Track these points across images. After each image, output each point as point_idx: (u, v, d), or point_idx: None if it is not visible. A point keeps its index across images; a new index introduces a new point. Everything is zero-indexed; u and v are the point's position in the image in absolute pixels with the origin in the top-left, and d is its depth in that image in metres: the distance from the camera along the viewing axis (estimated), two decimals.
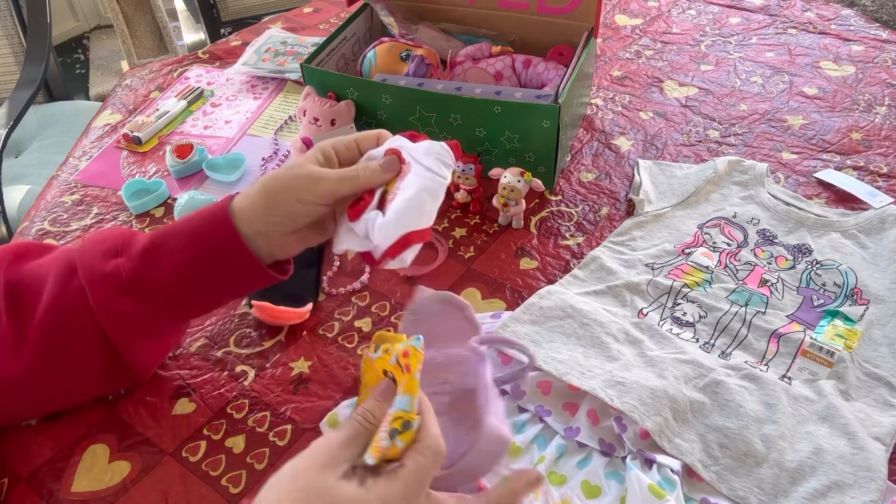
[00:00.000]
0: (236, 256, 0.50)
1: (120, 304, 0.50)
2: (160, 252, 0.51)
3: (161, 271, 0.50)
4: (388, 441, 0.38)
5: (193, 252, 0.50)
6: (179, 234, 0.51)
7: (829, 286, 0.65)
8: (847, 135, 0.85)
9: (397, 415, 0.38)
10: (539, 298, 0.62)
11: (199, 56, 1.09)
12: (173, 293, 0.51)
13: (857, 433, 0.52)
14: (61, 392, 0.54)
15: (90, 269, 0.50)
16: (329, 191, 0.49)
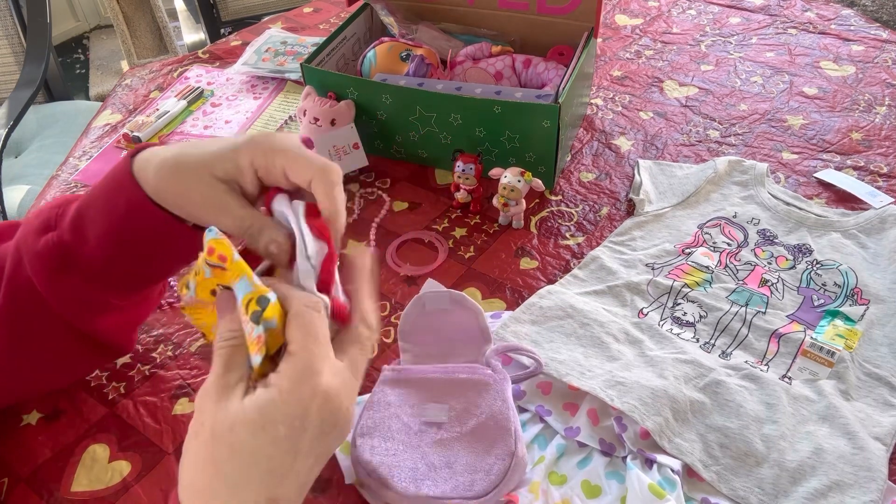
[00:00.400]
0: (149, 218, 0.44)
1: (61, 282, 0.46)
2: (85, 221, 0.46)
3: (89, 243, 0.46)
4: (257, 327, 0.35)
5: (107, 219, 0.45)
6: (97, 198, 0.46)
7: (830, 286, 0.64)
8: (847, 135, 0.85)
9: (246, 298, 0.35)
10: (539, 298, 0.62)
11: (199, 56, 1.09)
12: (107, 266, 0.46)
13: (857, 433, 0.52)
14: (41, 378, 0.53)
15: (27, 249, 0.47)
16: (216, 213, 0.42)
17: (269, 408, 0.33)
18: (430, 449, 0.49)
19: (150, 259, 0.48)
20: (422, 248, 0.72)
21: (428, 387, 0.52)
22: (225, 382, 0.34)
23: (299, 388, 0.34)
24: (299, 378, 0.34)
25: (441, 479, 0.47)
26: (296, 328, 0.35)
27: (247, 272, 0.36)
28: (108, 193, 0.45)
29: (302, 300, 0.36)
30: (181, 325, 0.65)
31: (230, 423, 0.33)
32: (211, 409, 0.34)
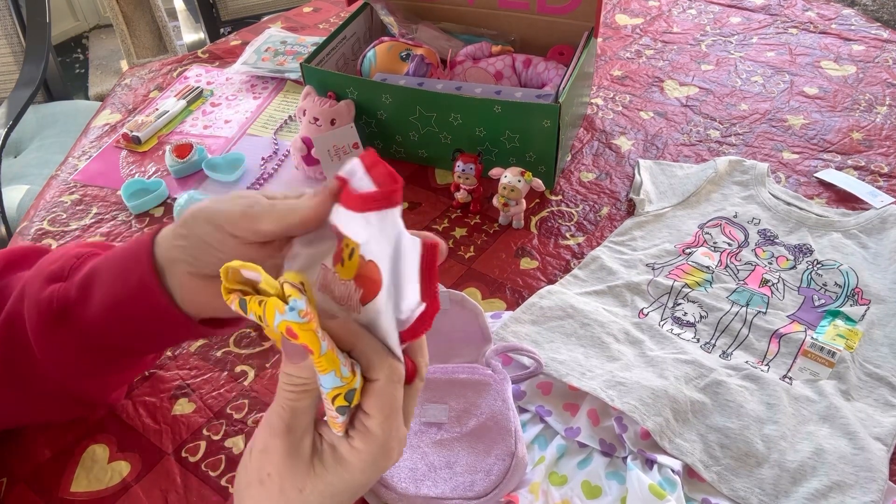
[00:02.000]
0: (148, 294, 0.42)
1: (53, 335, 0.44)
2: (94, 282, 0.43)
3: (92, 307, 0.43)
4: (345, 416, 0.33)
5: (115, 290, 0.43)
6: (113, 264, 0.44)
7: (830, 286, 0.64)
8: (848, 134, 0.85)
9: (334, 392, 0.32)
10: (539, 298, 0.62)
11: (199, 56, 1.09)
12: (103, 334, 0.44)
13: (857, 433, 0.52)
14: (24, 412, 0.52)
15: (31, 293, 0.45)
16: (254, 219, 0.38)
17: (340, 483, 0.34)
18: (430, 449, 0.49)
19: (148, 338, 0.46)
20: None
21: (428, 387, 0.52)
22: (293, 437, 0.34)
23: (372, 469, 0.35)
24: (374, 460, 0.34)
25: (441, 479, 0.47)
26: (377, 405, 0.34)
27: (336, 367, 0.32)
28: (125, 264, 0.43)
29: (386, 372, 0.33)
30: None
31: (300, 485, 0.34)
32: (279, 462, 0.34)
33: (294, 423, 0.34)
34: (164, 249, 0.42)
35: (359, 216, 0.33)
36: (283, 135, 0.90)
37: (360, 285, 0.34)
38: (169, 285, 0.42)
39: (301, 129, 0.81)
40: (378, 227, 0.32)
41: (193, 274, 0.41)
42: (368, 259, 0.33)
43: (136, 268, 0.42)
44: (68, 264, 0.45)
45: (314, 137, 0.78)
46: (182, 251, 0.41)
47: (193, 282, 0.41)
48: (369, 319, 0.34)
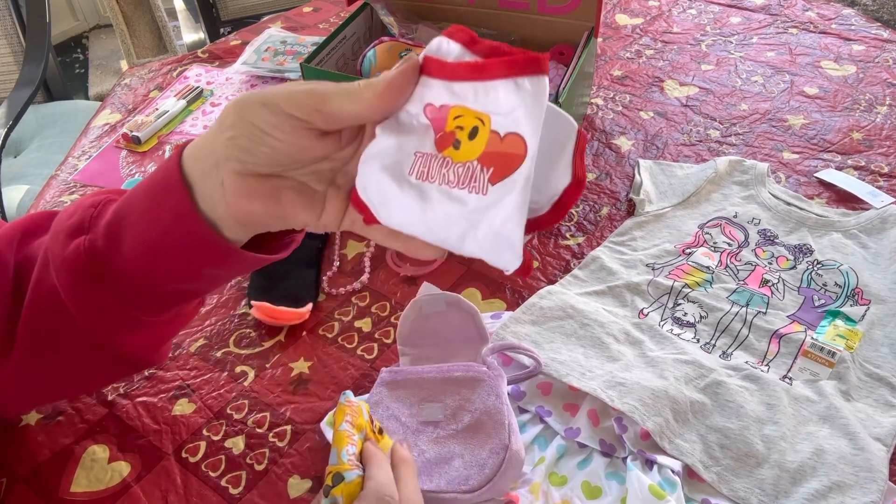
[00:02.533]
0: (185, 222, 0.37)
1: (88, 293, 0.41)
2: (123, 226, 0.39)
3: (123, 256, 0.39)
4: (325, 500, 0.38)
5: (147, 227, 0.39)
6: (139, 200, 0.39)
7: (830, 286, 0.64)
8: (848, 134, 0.85)
9: (327, 470, 0.38)
10: (539, 299, 0.62)
11: (199, 55, 1.08)
12: (140, 281, 0.40)
13: (858, 434, 0.52)
14: (59, 388, 0.51)
15: (55, 253, 0.41)
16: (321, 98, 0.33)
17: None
18: (427, 447, 0.49)
19: (189, 277, 0.41)
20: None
21: (424, 386, 0.52)
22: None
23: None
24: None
25: (436, 474, 0.47)
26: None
27: (338, 446, 0.39)
28: (153, 196, 0.39)
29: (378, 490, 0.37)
30: None
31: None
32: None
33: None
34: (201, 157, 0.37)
35: (488, 85, 0.30)
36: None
37: (490, 163, 0.30)
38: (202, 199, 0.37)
39: None
40: (522, 96, 0.29)
41: (241, 171, 0.36)
42: (507, 133, 0.30)
43: (168, 197, 0.37)
44: (87, 214, 0.42)
45: None
46: (232, 146, 0.35)
47: (239, 181, 0.36)
48: (499, 199, 0.30)
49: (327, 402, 0.57)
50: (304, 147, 0.35)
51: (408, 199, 0.33)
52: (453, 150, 0.31)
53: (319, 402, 0.57)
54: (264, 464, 0.53)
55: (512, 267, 0.31)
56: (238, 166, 0.36)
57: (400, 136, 0.33)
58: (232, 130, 0.35)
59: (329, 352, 0.62)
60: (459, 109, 0.31)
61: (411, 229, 0.34)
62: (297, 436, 0.55)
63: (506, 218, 0.30)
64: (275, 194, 0.37)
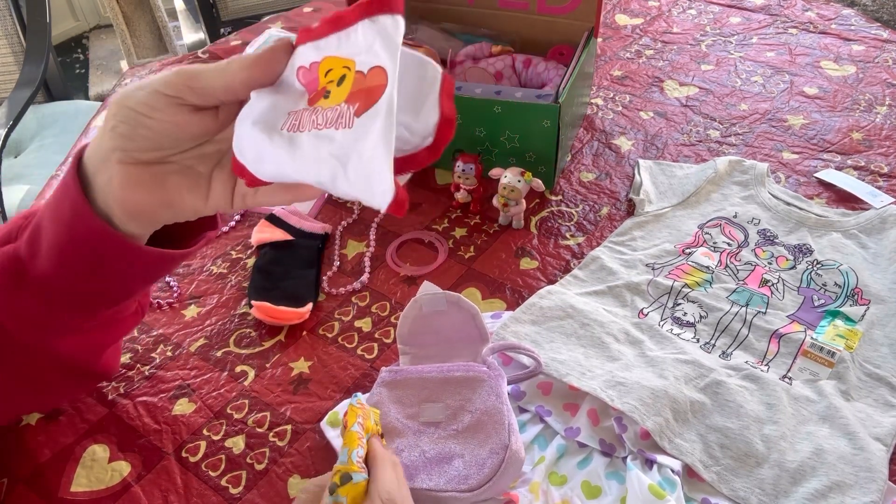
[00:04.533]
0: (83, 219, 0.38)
1: (14, 299, 0.42)
2: (40, 232, 0.40)
3: (41, 260, 0.40)
4: (329, 497, 0.37)
5: (54, 228, 0.39)
6: (49, 202, 0.40)
7: (830, 286, 0.64)
8: (848, 135, 0.85)
9: (335, 469, 0.38)
10: (539, 298, 0.62)
11: (199, 56, 1.09)
12: (57, 283, 0.41)
13: (857, 433, 0.52)
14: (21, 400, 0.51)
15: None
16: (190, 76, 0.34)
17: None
18: (428, 447, 0.49)
19: (103, 278, 0.42)
20: (422, 249, 0.72)
21: (424, 386, 0.52)
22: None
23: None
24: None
25: (436, 473, 0.47)
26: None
27: (349, 446, 0.39)
28: (58, 199, 0.39)
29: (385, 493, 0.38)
30: (181, 325, 0.65)
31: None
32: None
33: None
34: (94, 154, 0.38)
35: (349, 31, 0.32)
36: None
37: (356, 100, 0.31)
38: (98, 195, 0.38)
39: None
40: (377, 30, 0.32)
41: (125, 161, 0.37)
42: (370, 69, 0.31)
43: (66, 198, 0.38)
44: (16, 224, 0.43)
45: None
46: (112, 135, 0.36)
47: (125, 171, 0.37)
48: (365, 129, 0.30)
49: (327, 401, 0.57)
50: (180, 124, 0.35)
51: (278, 149, 0.33)
52: (324, 100, 0.33)
53: (319, 401, 0.57)
54: (264, 463, 0.53)
55: (385, 202, 0.30)
56: (122, 156, 0.37)
57: (274, 97, 0.35)
58: (114, 120, 0.36)
59: (329, 351, 0.62)
60: (328, 62, 0.33)
61: (284, 177, 0.34)
62: (298, 435, 0.55)
63: (373, 145, 0.30)
64: (159, 181, 0.38)
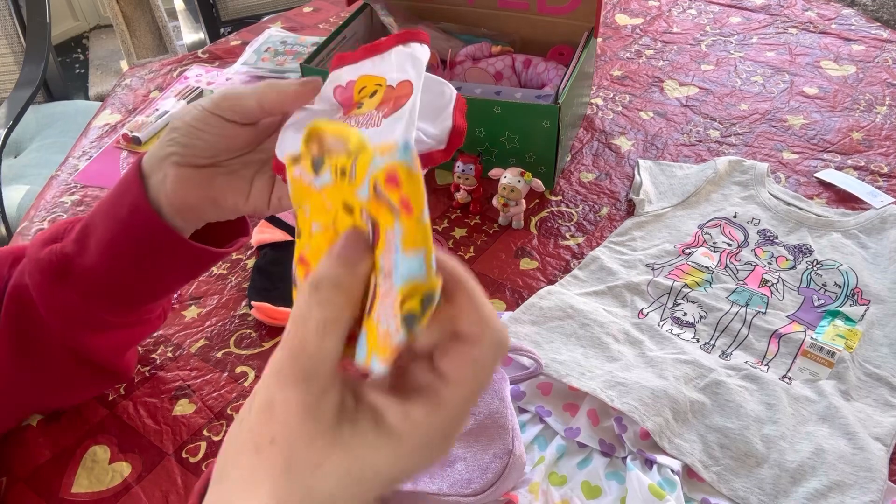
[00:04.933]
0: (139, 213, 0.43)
1: (57, 293, 0.45)
2: (90, 232, 0.45)
3: (89, 255, 0.44)
4: (404, 333, 0.23)
5: (109, 225, 0.44)
6: (103, 204, 0.45)
7: (830, 286, 0.64)
8: (848, 134, 0.85)
9: (411, 289, 0.23)
10: (539, 299, 0.62)
11: (199, 56, 1.09)
12: (104, 278, 0.45)
13: (857, 433, 0.52)
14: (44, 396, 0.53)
15: (30, 258, 0.46)
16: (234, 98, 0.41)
17: (375, 465, 0.24)
18: None
19: (148, 273, 0.46)
20: None
21: None
22: (313, 388, 0.24)
23: (426, 452, 0.25)
24: (431, 441, 0.25)
25: (439, 476, 0.47)
26: (468, 371, 0.25)
27: (426, 247, 0.23)
28: (114, 197, 0.44)
29: (495, 330, 0.25)
30: (181, 325, 0.65)
31: (316, 460, 0.24)
32: (291, 424, 0.24)
33: (315, 370, 0.24)
34: (152, 156, 0.43)
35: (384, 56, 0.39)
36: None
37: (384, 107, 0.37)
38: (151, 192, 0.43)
39: None
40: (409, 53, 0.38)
41: (180, 163, 0.43)
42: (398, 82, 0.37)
43: (126, 195, 0.43)
44: (62, 227, 0.47)
45: None
46: (172, 143, 0.42)
47: (179, 172, 0.43)
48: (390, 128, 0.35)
49: None
50: (228, 136, 0.42)
51: None
52: (357, 109, 0.39)
53: None
54: None
55: None
56: (178, 159, 0.43)
57: (313, 109, 0.41)
58: (174, 133, 0.43)
59: None
60: (363, 80, 0.39)
61: None
62: None
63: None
64: (208, 181, 0.44)
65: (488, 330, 0.25)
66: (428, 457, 0.25)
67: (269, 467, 0.24)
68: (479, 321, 0.25)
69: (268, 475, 0.24)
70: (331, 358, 0.25)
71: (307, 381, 0.24)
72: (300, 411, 0.24)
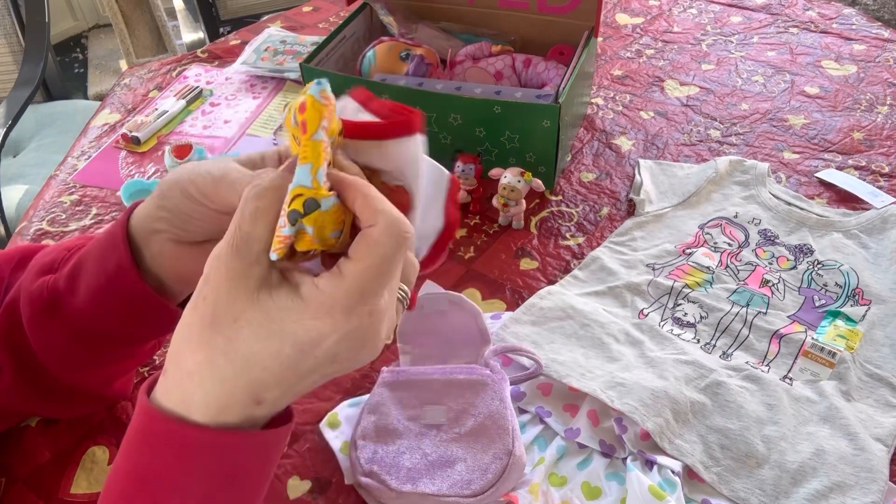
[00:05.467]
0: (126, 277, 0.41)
1: (46, 328, 0.45)
2: (81, 272, 0.43)
3: (78, 297, 0.43)
4: (290, 227, 0.29)
5: (97, 276, 0.43)
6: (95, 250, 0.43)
7: (831, 286, 0.64)
8: (849, 134, 0.85)
9: (296, 191, 0.29)
10: (539, 299, 0.62)
11: (198, 55, 1.08)
12: (90, 323, 0.44)
13: (858, 434, 0.52)
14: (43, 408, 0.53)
15: (24, 286, 0.46)
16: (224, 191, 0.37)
17: (282, 321, 0.30)
18: (430, 450, 0.49)
19: (133, 325, 0.45)
20: None
21: (426, 388, 0.52)
22: (242, 260, 0.30)
23: (327, 319, 0.30)
24: (332, 308, 0.30)
25: (439, 477, 0.47)
26: (363, 251, 0.30)
27: (314, 162, 0.29)
28: (103, 250, 0.43)
29: (387, 221, 0.30)
30: None
31: (235, 315, 0.30)
32: (218, 284, 0.30)
33: (245, 247, 0.30)
34: (144, 223, 0.42)
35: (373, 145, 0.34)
36: (283, 135, 0.90)
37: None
38: (149, 259, 0.42)
39: None
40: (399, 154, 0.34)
41: (176, 241, 0.41)
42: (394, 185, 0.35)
43: (113, 252, 0.42)
44: (59, 256, 0.46)
45: None
46: (165, 222, 0.41)
47: (178, 249, 0.41)
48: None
49: (327, 403, 0.57)
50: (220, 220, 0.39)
51: None
52: None
53: (319, 403, 0.57)
54: None
55: None
56: (173, 237, 0.41)
57: None
58: (165, 212, 0.41)
59: None
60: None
61: None
62: (297, 437, 0.55)
63: None
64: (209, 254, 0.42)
65: (381, 216, 0.30)
66: (332, 322, 0.30)
67: (199, 318, 0.31)
68: (374, 212, 0.30)
69: (198, 326, 0.31)
70: (260, 238, 0.30)
71: (238, 253, 0.30)
72: (228, 275, 0.30)
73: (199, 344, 0.31)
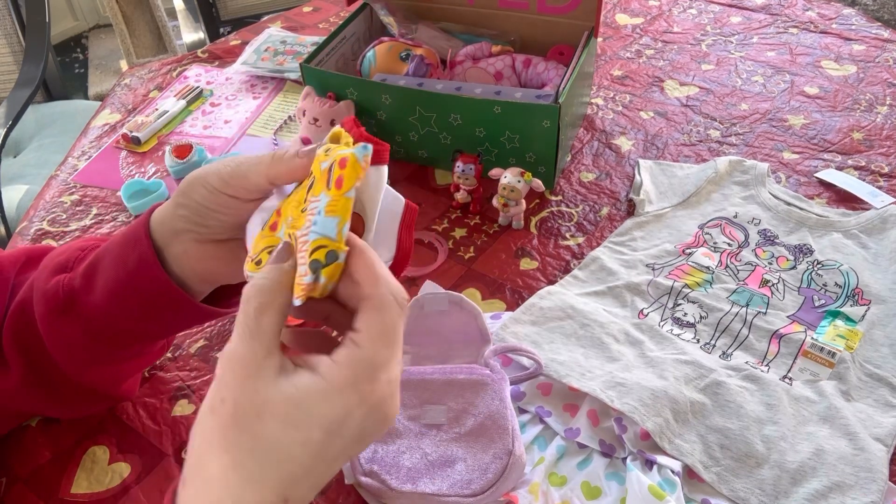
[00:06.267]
0: (148, 271, 0.42)
1: (60, 326, 0.45)
2: (98, 270, 0.44)
3: (95, 294, 0.44)
4: (311, 276, 0.30)
5: (116, 272, 0.43)
6: (113, 247, 0.44)
7: (831, 286, 0.64)
8: (848, 134, 0.85)
9: (320, 242, 0.30)
10: (539, 299, 0.62)
11: (199, 55, 1.08)
12: (107, 320, 0.45)
13: (858, 434, 0.52)
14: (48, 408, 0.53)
15: (38, 285, 0.46)
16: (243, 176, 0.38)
17: (309, 405, 0.29)
18: (430, 450, 0.49)
19: (151, 321, 0.46)
20: (422, 249, 0.72)
21: (427, 388, 0.52)
22: (256, 349, 0.30)
23: (352, 391, 0.30)
24: (355, 379, 0.30)
25: (439, 477, 0.47)
26: (373, 320, 0.31)
27: (342, 215, 0.30)
28: (124, 246, 0.43)
29: (392, 288, 0.31)
30: None
31: (258, 410, 0.29)
32: (236, 383, 0.29)
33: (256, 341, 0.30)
34: (165, 224, 0.42)
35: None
36: (283, 135, 0.90)
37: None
38: (171, 259, 0.43)
39: (301, 129, 0.81)
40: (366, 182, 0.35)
41: (200, 240, 0.42)
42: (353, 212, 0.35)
43: (135, 248, 0.42)
44: (73, 256, 0.47)
45: (314, 138, 0.78)
46: (186, 221, 0.41)
47: (201, 248, 0.42)
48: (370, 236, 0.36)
49: None
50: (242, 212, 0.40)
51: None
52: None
53: None
54: None
55: None
56: (196, 236, 0.42)
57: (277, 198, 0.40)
58: (184, 210, 0.41)
59: None
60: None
61: None
62: None
63: None
64: (234, 254, 0.42)
65: (383, 283, 0.31)
66: (358, 395, 0.30)
67: (220, 422, 0.29)
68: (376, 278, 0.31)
69: (219, 428, 0.29)
70: (270, 330, 0.31)
71: (250, 348, 0.30)
72: (245, 372, 0.30)
73: (223, 448, 0.29)
